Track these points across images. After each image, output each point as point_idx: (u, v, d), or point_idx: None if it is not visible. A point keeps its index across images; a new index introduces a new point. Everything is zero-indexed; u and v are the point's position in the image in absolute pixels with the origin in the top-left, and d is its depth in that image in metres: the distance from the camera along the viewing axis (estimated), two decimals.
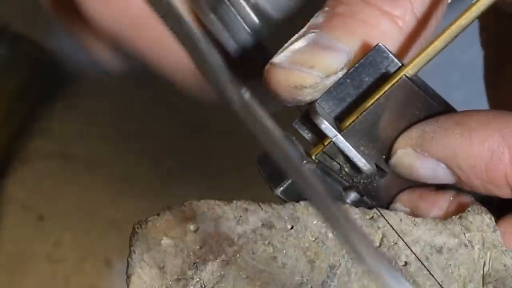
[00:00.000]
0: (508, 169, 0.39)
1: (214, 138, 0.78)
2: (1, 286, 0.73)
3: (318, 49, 0.40)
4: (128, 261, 0.39)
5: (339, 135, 0.40)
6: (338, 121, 0.41)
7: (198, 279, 0.39)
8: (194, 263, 0.39)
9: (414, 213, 0.41)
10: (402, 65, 0.40)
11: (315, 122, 0.40)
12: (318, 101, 0.40)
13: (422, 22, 0.41)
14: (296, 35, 0.41)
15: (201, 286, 0.38)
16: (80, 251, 0.74)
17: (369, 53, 0.40)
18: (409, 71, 0.40)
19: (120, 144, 0.79)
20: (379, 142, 0.41)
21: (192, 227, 0.39)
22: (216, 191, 0.73)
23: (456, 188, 0.41)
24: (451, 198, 0.42)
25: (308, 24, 0.41)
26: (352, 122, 0.40)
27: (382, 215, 0.40)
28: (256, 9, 0.45)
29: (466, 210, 0.40)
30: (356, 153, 0.41)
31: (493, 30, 0.51)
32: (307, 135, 0.42)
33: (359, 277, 0.39)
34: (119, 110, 0.80)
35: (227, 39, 0.45)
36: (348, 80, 0.40)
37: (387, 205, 0.42)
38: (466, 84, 0.77)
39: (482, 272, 0.40)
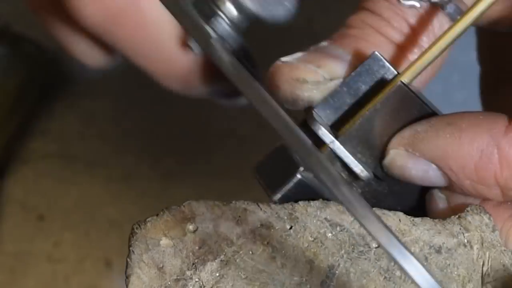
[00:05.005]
0: (497, 169, 0.39)
1: (214, 138, 0.78)
2: (1, 286, 0.73)
3: (327, 55, 0.42)
4: (127, 261, 0.39)
5: (335, 141, 0.40)
6: (335, 129, 0.41)
7: (197, 279, 0.39)
8: (193, 263, 0.39)
9: (449, 202, 0.42)
10: (398, 73, 0.41)
11: (312, 128, 0.40)
12: (315, 109, 0.41)
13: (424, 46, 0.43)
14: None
15: (200, 286, 0.38)
16: (80, 251, 0.74)
17: (365, 61, 0.41)
18: (405, 78, 0.40)
19: (120, 144, 0.79)
20: (375, 149, 0.41)
21: (191, 227, 0.39)
22: (215, 191, 0.73)
23: None
24: None
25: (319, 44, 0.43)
26: (348, 128, 0.40)
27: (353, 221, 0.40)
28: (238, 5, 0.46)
29: (465, 210, 0.40)
30: (353, 159, 0.41)
31: (490, 47, 0.52)
32: None
33: (358, 277, 0.39)
34: (119, 110, 0.80)
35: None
36: (344, 89, 0.41)
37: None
38: (466, 85, 0.77)
39: (481, 272, 0.40)
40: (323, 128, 0.40)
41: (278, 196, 0.41)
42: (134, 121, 0.79)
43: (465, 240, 0.40)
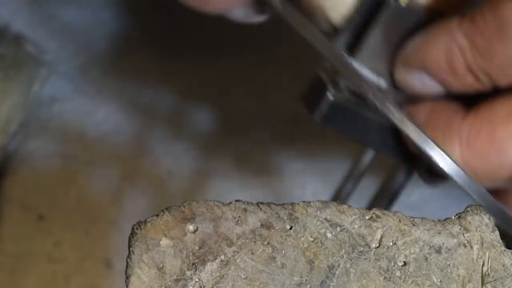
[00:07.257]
0: (460, 59, 0.43)
1: (215, 137, 0.78)
2: (1, 286, 0.73)
3: None
4: (127, 262, 0.39)
5: (353, 60, 0.46)
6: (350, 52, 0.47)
7: (197, 280, 0.39)
8: (193, 264, 0.39)
9: None
10: None
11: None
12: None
13: None
14: None
15: (200, 287, 0.38)
16: (80, 251, 0.74)
17: None
18: None
19: (120, 144, 0.79)
20: (388, 63, 0.46)
21: (191, 227, 0.39)
22: (215, 191, 0.73)
23: None
24: None
25: None
26: (361, 47, 0.46)
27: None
28: None
29: (465, 210, 0.40)
30: (370, 73, 0.46)
31: None
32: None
33: (358, 277, 0.39)
34: (119, 110, 0.80)
35: None
36: (358, 13, 0.46)
37: None
38: None
39: (481, 272, 0.40)
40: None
41: (317, 119, 0.46)
42: (133, 121, 0.79)
43: (465, 240, 0.40)
